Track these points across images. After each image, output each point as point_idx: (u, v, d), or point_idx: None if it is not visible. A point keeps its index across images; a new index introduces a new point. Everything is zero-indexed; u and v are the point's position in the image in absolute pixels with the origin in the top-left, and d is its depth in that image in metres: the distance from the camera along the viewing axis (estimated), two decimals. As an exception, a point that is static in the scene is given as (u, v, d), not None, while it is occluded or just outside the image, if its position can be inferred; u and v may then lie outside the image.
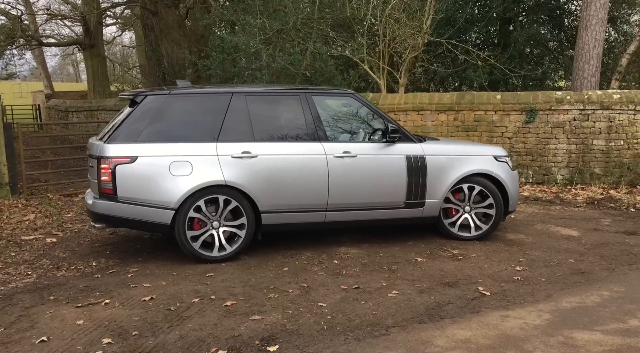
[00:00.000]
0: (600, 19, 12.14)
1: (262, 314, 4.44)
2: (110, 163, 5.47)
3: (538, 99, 10.10)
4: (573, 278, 5.29)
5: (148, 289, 4.98)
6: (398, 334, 4.10)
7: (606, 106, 9.88)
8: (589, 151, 9.99)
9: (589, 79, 12.10)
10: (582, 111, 9.94)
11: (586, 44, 12.04)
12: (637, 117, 9.90)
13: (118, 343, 3.95)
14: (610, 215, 8.03)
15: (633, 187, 9.72)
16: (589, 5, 12.11)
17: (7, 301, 4.72)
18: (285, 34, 11.79)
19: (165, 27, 14.29)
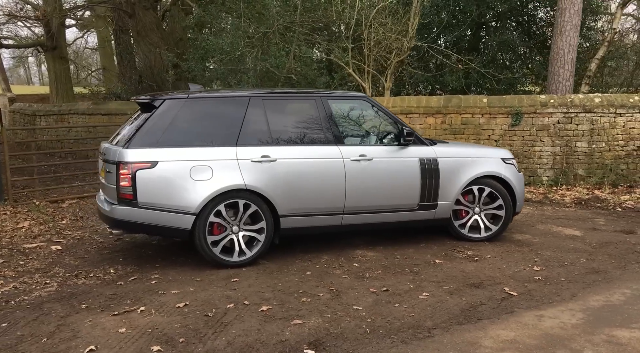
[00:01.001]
0: (574, 25, 12.50)
1: (302, 319, 4.44)
2: (131, 168, 5.38)
3: (523, 102, 10.36)
4: (591, 277, 5.45)
5: (178, 296, 4.91)
6: (442, 336, 4.16)
7: (588, 109, 10.21)
8: (572, 153, 10.29)
9: (563, 83, 12.45)
10: (566, 114, 10.24)
11: (561, 49, 12.38)
12: (617, 119, 10.26)
13: (167, 351, 3.89)
14: (602, 215, 8.29)
15: (615, 188, 10.06)
16: (564, 12, 12.45)
17: (38, 311, 4.59)
18: (269, 37, 11.76)
19: (142, 29, 14.07)
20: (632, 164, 10.33)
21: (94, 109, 15.58)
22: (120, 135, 5.99)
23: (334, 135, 6.06)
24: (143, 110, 5.97)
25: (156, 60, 14.23)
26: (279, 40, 11.71)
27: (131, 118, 6.31)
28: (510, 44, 16.46)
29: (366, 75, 11.71)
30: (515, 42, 16.81)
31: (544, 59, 16.80)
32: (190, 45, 13.37)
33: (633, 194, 9.65)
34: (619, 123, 10.26)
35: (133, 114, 6.38)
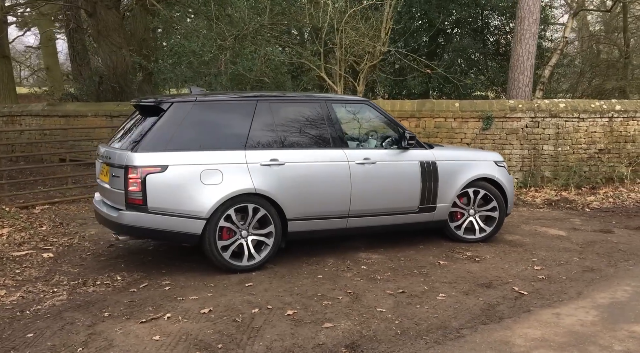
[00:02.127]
0: (533, 34, 12.97)
1: (332, 322, 4.47)
2: (140, 172, 5.27)
3: (493, 107, 10.69)
4: (588, 276, 5.71)
5: (198, 301, 4.86)
6: (472, 336, 4.27)
7: (554, 114, 10.63)
8: (539, 156, 10.69)
9: (523, 89, 12.88)
10: (533, 118, 10.63)
11: (521, 56, 12.80)
12: (580, 124, 10.73)
13: (210, 358, 3.86)
14: (575, 215, 8.66)
15: (579, 189, 10.51)
16: (523, 21, 12.89)
17: (59, 320, 4.45)
18: (241, 39, 11.69)
19: (104, 28, 13.68)
20: (594, 166, 10.83)
21: (50, 111, 15.06)
22: (122, 138, 5.86)
23: (339, 138, 6.12)
24: (145, 113, 5.86)
25: (119, 61, 13.88)
26: (250, 43, 11.64)
27: (130, 121, 6.17)
28: (466, 50, 16.93)
29: (338, 78, 11.79)
30: (470, 49, 17.30)
31: (498, 66, 17.39)
32: (157, 46, 13.11)
33: (597, 195, 10.11)
34: (582, 127, 10.74)
35: (131, 116, 6.24)
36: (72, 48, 17.12)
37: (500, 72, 16.42)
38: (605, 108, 10.83)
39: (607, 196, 10.02)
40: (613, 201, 9.75)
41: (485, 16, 17.67)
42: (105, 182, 5.74)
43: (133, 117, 6.18)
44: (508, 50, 17.21)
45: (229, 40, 11.56)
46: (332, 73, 12.01)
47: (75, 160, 11.92)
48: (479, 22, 17.42)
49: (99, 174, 6.07)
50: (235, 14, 11.77)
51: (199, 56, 11.66)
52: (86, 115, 14.21)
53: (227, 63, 11.58)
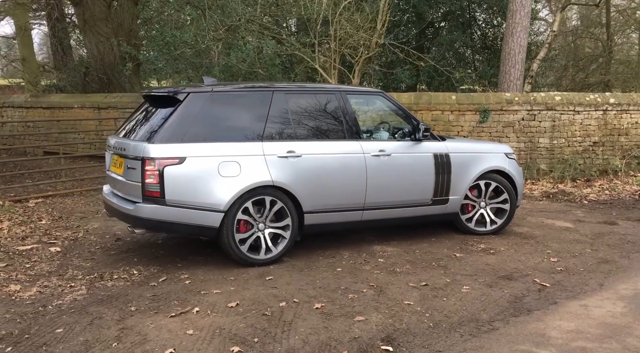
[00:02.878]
0: (524, 27, 13.04)
1: (362, 315, 4.41)
2: (158, 164, 5.14)
3: (490, 100, 10.72)
4: (605, 267, 5.73)
5: (223, 295, 4.76)
6: (505, 328, 4.24)
7: (550, 107, 10.70)
8: (535, 149, 10.76)
9: (514, 82, 12.97)
10: (530, 111, 10.69)
11: (512, 50, 12.87)
12: (575, 117, 10.82)
13: (247, 351, 3.77)
14: (575, 207, 8.73)
15: (574, 181, 10.60)
16: (514, 14, 12.95)
17: (86, 314, 4.32)
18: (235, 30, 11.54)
19: (90, 18, 13.38)
20: (588, 158, 10.94)
21: (33, 102, 14.72)
22: (135, 130, 5.72)
23: (354, 130, 6.06)
24: (158, 104, 5.73)
25: (106, 51, 13.59)
26: (244, 34, 11.50)
27: (139, 112, 6.03)
28: (453, 44, 16.95)
29: (332, 71, 11.72)
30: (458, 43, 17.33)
31: (485, 60, 17.47)
32: (147, 37, 12.87)
33: (593, 188, 10.21)
34: (577, 120, 10.83)
35: (140, 107, 6.10)
36: (54, 38, 16.73)
37: (488, 66, 16.48)
38: (599, 101, 10.94)
39: (603, 188, 10.12)
40: (609, 193, 9.85)
41: (472, 10, 17.73)
42: (119, 174, 5.59)
43: (143, 108, 6.04)
44: (495, 44, 17.33)
45: (222, 31, 11.40)
46: (326, 66, 11.93)
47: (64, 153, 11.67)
48: (466, 15, 17.46)
49: (109, 165, 5.92)
50: (227, 5, 11.62)
51: (191, 47, 11.49)
52: (72, 107, 13.91)
53: (220, 54, 11.42)
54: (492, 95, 10.98)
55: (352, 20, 11.37)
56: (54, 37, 16.39)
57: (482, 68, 16.96)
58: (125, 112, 12.74)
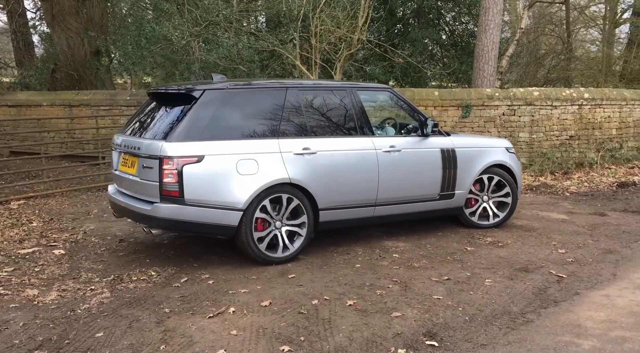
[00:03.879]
0: (497, 24, 13.27)
1: (397, 311, 4.43)
2: (177, 163, 5.04)
3: (472, 96, 10.89)
4: (611, 257, 5.90)
5: (252, 295, 4.71)
6: (540, 320, 4.31)
7: (529, 102, 10.94)
8: (515, 143, 10.97)
9: (488, 78, 13.17)
10: (510, 107, 10.91)
11: (485, 46, 13.07)
12: (553, 112, 11.10)
13: (299, 351, 3.75)
14: (561, 200, 8.96)
15: (553, 174, 10.87)
16: (487, 11, 13.14)
17: (120, 318, 4.20)
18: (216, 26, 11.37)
19: (59, 13, 12.95)
20: (565, 152, 11.24)
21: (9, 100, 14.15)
22: (145, 128, 5.59)
23: (366, 126, 6.06)
24: (168, 102, 5.62)
25: (77, 47, 13.19)
26: (225, 30, 11.35)
27: (145, 110, 5.90)
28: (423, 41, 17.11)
29: (314, 67, 11.69)
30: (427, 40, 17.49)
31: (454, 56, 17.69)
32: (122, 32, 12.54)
33: (572, 180, 10.49)
34: (554, 115, 11.11)
35: (146, 105, 5.96)
36: (16, 33, 16.14)
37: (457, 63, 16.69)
38: (575, 96, 11.25)
39: (582, 181, 10.41)
40: (588, 185, 10.14)
41: (439, 7, 17.92)
42: (132, 173, 5.44)
43: (150, 105, 5.90)
44: (463, 41, 17.58)
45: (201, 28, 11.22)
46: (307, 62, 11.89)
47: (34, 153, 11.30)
48: (433, 12, 17.65)
49: (118, 165, 5.76)
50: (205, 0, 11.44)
51: (170, 42, 11.27)
52: (41, 105, 13.44)
53: (200, 50, 11.24)
54: (474, 91, 11.16)
55: (333, 16, 11.35)
56: (16, 33, 15.78)
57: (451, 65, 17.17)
58: (100, 110, 12.43)
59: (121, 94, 12.71)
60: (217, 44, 11.25)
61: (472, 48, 16.80)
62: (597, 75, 16.57)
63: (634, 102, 12.00)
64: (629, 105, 11.91)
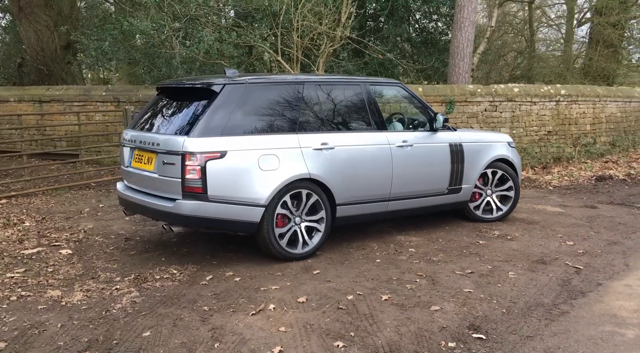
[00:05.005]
0: (472, 22, 13.48)
1: (435, 305, 4.44)
2: (200, 159, 4.92)
3: (455, 92, 11.02)
4: (617, 248, 6.06)
5: (284, 291, 4.65)
6: (575, 311, 4.37)
7: (510, 98, 11.15)
8: (497, 138, 11.16)
9: (463, 75, 13.38)
10: (492, 103, 11.09)
11: (461, 43, 13.27)
12: (532, 107, 11.35)
13: (350, 346, 3.72)
14: (547, 193, 9.16)
15: (533, 169, 11.12)
16: (462, 9, 13.34)
17: (159, 317, 4.10)
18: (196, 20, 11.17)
19: (27, 5, 12.46)
20: (544, 147, 11.50)
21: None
22: (160, 123, 5.44)
23: (379, 121, 6.05)
24: (184, 97, 5.49)
25: (46, 41, 12.73)
26: (205, 25, 11.16)
27: (158, 104, 5.74)
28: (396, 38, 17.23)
29: (295, 63, 11.62)
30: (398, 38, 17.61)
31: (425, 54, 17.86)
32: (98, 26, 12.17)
33: (553, 174, 10.74)
34: (534, 111, 11.36)
35: (157, 99, 5.80)
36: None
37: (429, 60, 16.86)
38: (552, 92, 11.52)
39: (562, 175, 10.68)
40: (569, 179, 10.41)
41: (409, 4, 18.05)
42: (149, 170, 5.28)
43: (162, 100, 5.75)
44: (433, 38, 17.77)
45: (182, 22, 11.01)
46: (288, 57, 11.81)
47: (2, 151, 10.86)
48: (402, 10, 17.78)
49: (129, 161, 5.59)
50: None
51: (150, 36, 11.02)
52: (8, 101, 12.94)
53: (181, 45, 11.03)
54: (456, 87, 11.29)
55: (315, 12, 11.30)
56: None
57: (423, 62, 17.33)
58: (73, 106, 12.07)
59: (96, 89, 12.35)
60: (198, 39, 11.05)
61: (442, 45, 17.08)
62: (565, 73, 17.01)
63: (607, 99, 12.38)
64: (601, 101, 12.27)
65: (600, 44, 16.89)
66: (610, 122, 12.56)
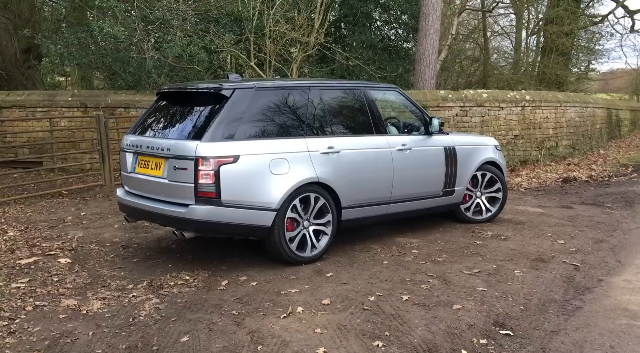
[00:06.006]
0: (436, 29, 13.75)
1: (456, 304, 4.52)
2: (214, 164, 4.88)
3: (427, 97, 11.25)
4: (604, 246, 6.31)
5: (305, 294, 4.66)
6: (588, 306, 4.51)
7: (479, 103, 11.46)
8: (467, 143, 11.44)
9: (429, 81, 13.65)
10: (462, 108, 11.37)
11: (426, 51, 13.53)
12: (500, 112, 11.69)
13: (392, 345, 3.77)
14: (520, 194, 9.47)
15: (502, 172, 11.43)
16: (427, 17, 13.61)
17: (191, 322, 4.06)
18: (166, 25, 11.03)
19: (-15, 8, 12.05)
20: (511, 150, 11.87)
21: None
22: (164, 129, 5.39)
23: (381, 125, 6.15)
24: (189, 101, 5.45)
25: (5, 44, 12.29)
26: (177, 29, 11.04)
27: (160, 109, 5.67)
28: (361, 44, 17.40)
29: (268, 69, 11.62)
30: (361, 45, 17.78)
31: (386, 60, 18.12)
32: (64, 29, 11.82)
33: (522, 177, 11.11)
34: (501, 115, 11.71)
35: (159, 104, 5.72)
36: None
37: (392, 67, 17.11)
38: (518, 98, 11.90)
39: (530, 177, 11.05)
40: (537, 181, 10.78)
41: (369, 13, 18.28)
42: (157, 175, 5.19)
43: (162, 105, 5.70)
44: (395, 46, 18.04)
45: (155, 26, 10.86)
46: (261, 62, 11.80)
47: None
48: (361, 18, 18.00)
49: (133, 166, 5.48)
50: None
51: (120, 41, 10.80)
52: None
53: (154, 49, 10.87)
54: (429, 92, 11.53)
55: (288, 18, 11.34)
56: None
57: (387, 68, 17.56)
58: (36, 112, 11.72)
59: (62, 94, 12.01)
60: (170, 43, 10.90)
61: (403, 53, 17.37)
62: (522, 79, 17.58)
63: (567, 104, 12.88)
64: (562, 106, 12.76)
65: (554, 52, 17.55)
66: (570, 126, 13.07)
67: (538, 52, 21.50)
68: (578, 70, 19.92)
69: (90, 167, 11.17)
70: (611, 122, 16.47)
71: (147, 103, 11.12)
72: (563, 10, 17.20)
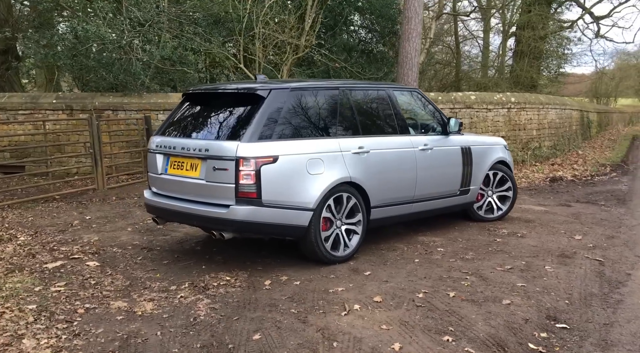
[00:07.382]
0: (418, 33, 13.91)
1: (503, 299, 4.59)
2: (255, 164, 4.84)
3: (418, 99, 11.36)
4: (616, 241, 6.48)
5: (353, 292, 4.69)
6: (627, 299, 4.63)
7: (468, 105, 11.67)
8: (457, 144, 11.62)
9: (412, 83, 13.76)
10: (452, 109, 11.55)
11: (409, 54, 13.65)
12: (488, 114, 11.92)
13: (461, 340, 3.81)
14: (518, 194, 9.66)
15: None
16: (410, 21, 13.73)
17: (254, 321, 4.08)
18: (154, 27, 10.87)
19: (-38, 7, 11.64)
20: (498, 152, 12.08)
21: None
22: (196, 129, 5.34)
23: (404, 125, 6.20)
24: (223, 103, 5.42)
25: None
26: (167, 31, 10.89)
27: (190, 110, 5.62)
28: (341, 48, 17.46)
29: (258, 70, 11.56)
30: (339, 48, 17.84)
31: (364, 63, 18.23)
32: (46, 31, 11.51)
33: (511, 177, 11.32)
34: (489, 117, 11.94)
35: (188, 106, 5.65)
36: None
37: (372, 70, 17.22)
38: (504, 100, 12.16)
39: (519, 177, 11.27)
40: (526, 181, 11.01)
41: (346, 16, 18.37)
42: (193, 176, 5.12)
43: (192, 106, 5.64)
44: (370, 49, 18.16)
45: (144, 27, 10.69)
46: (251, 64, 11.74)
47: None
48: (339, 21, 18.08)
49: (165, 168, 5.39)
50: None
51: (108, 43, 10.59)
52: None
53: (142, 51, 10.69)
54: (419, 94, 11.63)
55: (279, 20, 11.31)
56: None
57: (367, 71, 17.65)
58: (18, 115, 11.36)
59: (45, 97, 11.68)
60: (160, 45, 10.75)
61: (380, 56, 17.50)
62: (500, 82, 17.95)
63: (548, 106, 13.22)
64: (544, 108, 13.09)
65: (528, 55, 17.99)
66: (551, 127, 13.41)
67: (505, 54, 21.99)
68: (549, 74, 20.48)
69: (77, 171, 10.91)
70: (583, 123, 16.99)
71: (135, 105, 10.95)
72: (535, 15, 17.65)
